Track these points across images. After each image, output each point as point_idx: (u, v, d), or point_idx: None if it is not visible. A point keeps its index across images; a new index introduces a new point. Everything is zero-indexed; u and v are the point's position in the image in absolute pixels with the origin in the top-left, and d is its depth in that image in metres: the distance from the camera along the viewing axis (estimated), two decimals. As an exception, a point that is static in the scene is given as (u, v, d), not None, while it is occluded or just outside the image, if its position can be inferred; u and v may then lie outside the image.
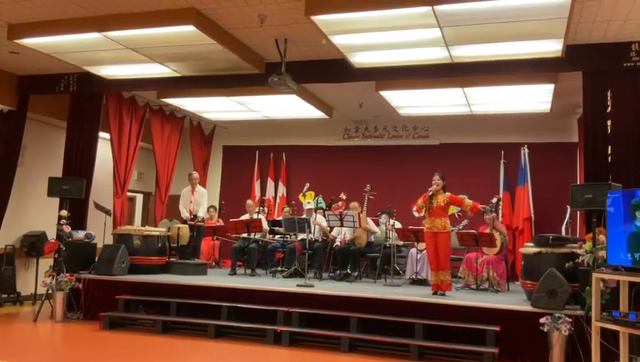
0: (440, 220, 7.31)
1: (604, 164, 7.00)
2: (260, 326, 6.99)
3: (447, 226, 7.32)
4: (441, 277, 7.26)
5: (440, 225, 7.29)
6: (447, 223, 7.34)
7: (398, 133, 11.72)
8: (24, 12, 6.88)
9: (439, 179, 7.40)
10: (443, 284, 7.26)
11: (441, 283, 7.26)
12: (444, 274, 7.27)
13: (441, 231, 7.29)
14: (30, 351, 6.36)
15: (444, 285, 7.26)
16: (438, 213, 7.32)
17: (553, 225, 9.47)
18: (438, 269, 7.29)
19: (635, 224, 4.82)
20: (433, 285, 7.37)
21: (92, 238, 8.84)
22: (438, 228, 7.29)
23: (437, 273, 7.30)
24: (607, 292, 5.52)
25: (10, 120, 9.43)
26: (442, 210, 7.33)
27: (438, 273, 7.28)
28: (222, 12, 6.61)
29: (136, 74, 8.62)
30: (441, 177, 7.42)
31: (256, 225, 9.61)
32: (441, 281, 7.26)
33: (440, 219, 7.31)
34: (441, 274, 7.26)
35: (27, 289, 9.72)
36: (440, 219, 7.31)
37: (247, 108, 10.54)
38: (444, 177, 7.46)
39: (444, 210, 7.35)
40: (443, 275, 7.26)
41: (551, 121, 10.36)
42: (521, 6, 5.71)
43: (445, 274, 7.27)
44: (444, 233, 7.29)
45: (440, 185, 7.38)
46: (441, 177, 7.43)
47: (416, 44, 6.85)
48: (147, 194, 12.95)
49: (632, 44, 6.90)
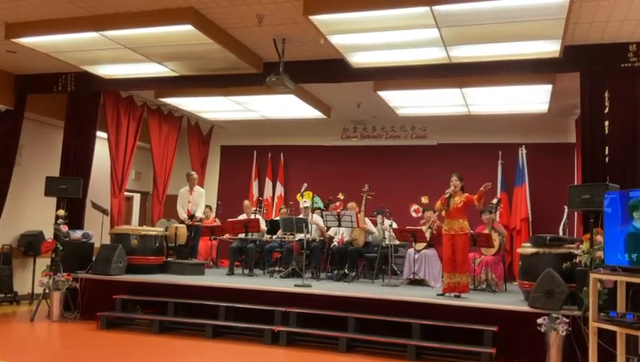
0: (458, 222, 7.20)
1: (602, 164, 7.01)
2: (258, 326, 6.99)
3: (464, 228, 7.19)
4: (457, 279, 7.14)
5: (457, 227, 7.19)
6: (465, 225, 7.21)
7: (396, 133, 11.72)
8: (22, 11, 6.86)
9: (457, 180, 7.29)
10: (459, 286, 7.12)
11: (458, 285, 7.12)
12: (462, 276, 7.15)
13: (458, 233, 7.17)
14: (27, 351, 6.35)
15: (460, 287, 7.13)
16: (455, 214, 7.20)
17: (551, 226, 9.48)
18: (454, 271, 7.17)
19: (633, 224, 4.83)
20: (447, 286, 7.20)
21: (89, 238, 8.83)
22: (456, 230, 7.18)
23: (453, 274, 7.17)
24: (605, 292, 5.53)
25: (8, 119, 9.41)
26: (460, 211, 7.21)
27: (455, 275, 7.16)
28: (220, 11, 6.60)
29: (134, 73, 8.60)
30: (459, 178, 7.31)
31: (254, 226, 9.60)
32: (457, 283, 7.13)
33: (458, 221, 7.20)
34: (458, 276, 7.14)
35: (24, 289, 9.69)
36: (458, 221, 7.20)
37: (245, 108, 10.53)
38: (462, 178, 7.34)
39: (461, 211, 7.22)
40: (460, 277, 7.14)
41: (549, 121, 10.37)
42: (518, 7, 5.71)
43: (463, 276, 7.15)
44: (462, 235, 7.18)
45: (458, 186, 7.28)
46: (459, 178, 7.31)
47: (414, 44, 6.85)
48: (145, 194, 12.93)
49: (629, 45, 6.91)
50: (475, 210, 9.02)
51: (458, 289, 7.15)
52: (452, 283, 7.17)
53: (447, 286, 7.23)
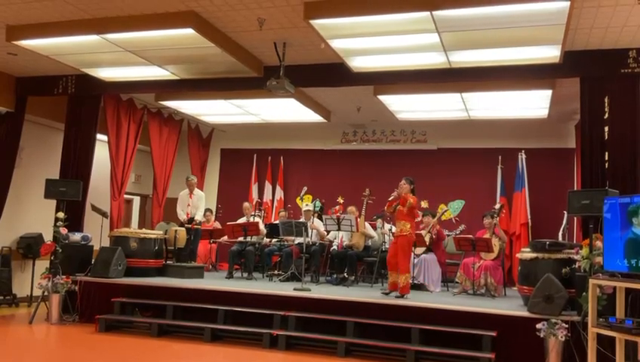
0: (401, 223, 7.43)
1: (602, 170, 7.01)
2: (257, 329, 6.97)
3: (406, 230, 7.38)
4: (401, 279, 7.32)
5: (404, 228, 7.41)
6: (407, 227, 7.39)
7: (396, 137, 11.73)
8: (23, 14, 6.88)
9: (405, 183, 7.52)
10: (401, 286, 7.28)
11: (401, 285, 7.29)
12: (402, 276, 7.32)
13: (402, 235, 7.41)
14: (25, 354, 6.33)
15: (402, 287, 7.28)
16: (401, 216, 7.44)
17: (550, 231, 9.48)
18: (396, 271, 7.40)
19: (632, 230, 4.83)
20: (390, 284, 7.50)
21: (89, 240, 8.82)
22: (400, 232, 7.43)
23: (395, 274, 7.41)
24: (604, 298, 5.53)
25: (8, 121, 9.41)
26: (404, 214, 7.41)
27: (397, 274, 7.37)
28: (221, 15, 6.62)
29: (135, 76, 8.61)
30: (407, 181, 7.53)
31: (254, 229, 9.60)
32: (402, 283, 7.30)
33: (402, 223, 7.43)
34: (401, 276, 7.32)
35: (23, 291, 9.69)
36: (402, 223, 7.43)
37: (246, 111, 10.54)
38: (412, 181, 7.57)
39: (408, 213, 7.42)
40: (400, 278, 7.32)
41: (548, 126, 10.38)
42: (519, 12, 5.73)
43: (402, 276, 7.32)
44: (404, 236, 7.39)
45: (407, 189, 7.48)
46: (408, 181, 7.54)
47: (414, 49, 6.87)
48: (144, 197, 12.93)
49: (629, 51, 6.92)
50: (478, 215, 9.06)
51: (402, 291, 7.31)
52: (394, 281, 7.44)
53: (390, 285, 7.50)
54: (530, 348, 6.15)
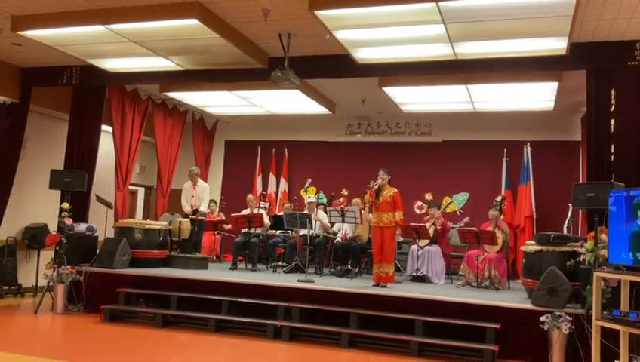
0: (386, 215, 7.54)
1: (607, 162, 6.98)
2: (261, 320, 7.00)
3: (393, 221, 7.52)
4: (385, 270, 7.49)
5: (387, 220, 7.54)
6: (392, 218, 7.53)
7: (401, 129, 11.70)
8: (27, 4, 6.87)
9: (384, 174, 7.67)
10: (385, 276, 7.48)
11: (384, 276, 7.48)
12: (388, 266, 7.50)
13: (387, 226, 7.51)
14: (31, 343, 6.38)
15: (386, 277, 7.48)
16: (384, 207, 7.54)
17: (555, 224, 9.47)
18: (381, 262, 7.53)
19: (637, 223, 4.81)
20: (375, 277, 7.58)
21: (93, 231, 8.86)
22: (385, 223, 7.54)
23: (380, 265, 7.53)
24: (608, 291, 5.52)
25: (13, 112, 9.43)
26: (388, 204, 7.53)
27: (382, 265, 7.52)
28: (226, 6, 6.60)
29: (140, 67, 8.61)
30: (386, 172, 7.69)
31: (258, 220, 9.61)
32: (385, 273, 7.49)
33: (386, 214, 7.54)
34: (384, 266, 7.50)
35: (28, 281, 9.75)
36: (386, 214, 7.54)
37: (250, 102, 10.53)
38: (389, 173, 7.73)
39: (390, 204, 7.53)
40: (387, 268, 7.49)
41: (554, 119, 10.34)
42: (525, 3, 5.69)
43: (389, 266, 7.50)
44: (390, 227, 7.52)
45: (386, 180, 7.63)
46: (387, 173, 7.69)
47: (420, 40, 6.83)
48: (149, 188, 12.96)
49: (636, 43, 6.87)
50: (483, 208, 9.04)
51: (384, 280, 7.48)
52: (379, 274, 7.52)
53: (375, 277, 7.57)
54: (533, 340, 6.15)
